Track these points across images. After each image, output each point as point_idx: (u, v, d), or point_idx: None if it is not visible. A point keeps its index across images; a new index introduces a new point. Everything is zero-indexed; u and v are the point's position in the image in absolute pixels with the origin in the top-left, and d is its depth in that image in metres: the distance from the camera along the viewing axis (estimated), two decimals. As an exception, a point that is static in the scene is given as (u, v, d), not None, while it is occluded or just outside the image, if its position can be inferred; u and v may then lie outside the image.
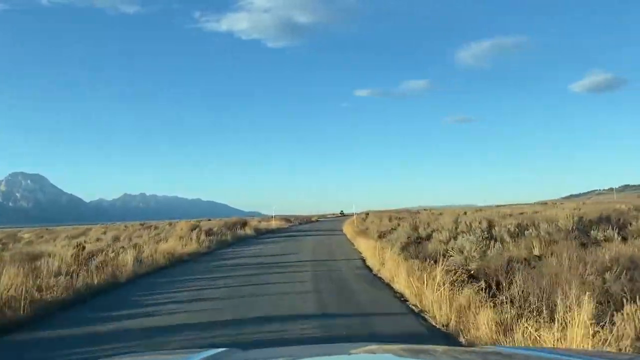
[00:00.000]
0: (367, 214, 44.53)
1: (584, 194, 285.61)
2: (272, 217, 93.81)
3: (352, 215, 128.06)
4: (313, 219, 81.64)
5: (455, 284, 7.95)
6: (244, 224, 35.57)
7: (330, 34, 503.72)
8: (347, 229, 35.27)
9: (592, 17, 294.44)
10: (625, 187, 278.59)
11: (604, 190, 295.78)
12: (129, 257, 13.40)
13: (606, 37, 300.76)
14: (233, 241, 26.80)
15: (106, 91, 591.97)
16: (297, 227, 52.73)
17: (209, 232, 26.57)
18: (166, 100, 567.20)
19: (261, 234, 35.17)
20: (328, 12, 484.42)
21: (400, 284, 9.82)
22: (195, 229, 25.85)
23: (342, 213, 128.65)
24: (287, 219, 63.48)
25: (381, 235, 22.84)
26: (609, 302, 5.99)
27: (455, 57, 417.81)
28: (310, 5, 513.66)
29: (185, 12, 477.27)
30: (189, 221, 30.58)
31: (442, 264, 8.54)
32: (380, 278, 12.01)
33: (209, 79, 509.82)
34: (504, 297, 6.63)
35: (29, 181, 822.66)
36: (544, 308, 5.68)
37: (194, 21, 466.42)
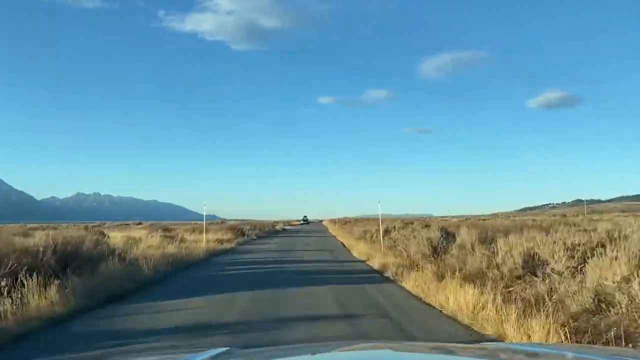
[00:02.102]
0: (387, 229, 20.34)
1: (539, 207, 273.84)
2: (221, 221, 67.40)
3: (320, 222, 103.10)
4: (277, 227, 56.17)
5: None
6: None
7: (294, 40, 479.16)
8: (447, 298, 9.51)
9: (549, 36, 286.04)
10: (578, 202, 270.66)
11: (557, 204, 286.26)
12: None
13: (562, 56, 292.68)
14: None
15: (60, 86, 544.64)
16: (254, 249, 26.64)
17: None
18: (123, 97, 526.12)
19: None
20: (293, 18, 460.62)
21: None
22: None
23: (305, 219, 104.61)
24: (237, 228, 37.43)
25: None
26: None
27: (416, 69, 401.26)
28: (276, 10, 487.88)
29: (149, 11, 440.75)
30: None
31: None
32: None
33: (170, 77, 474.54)
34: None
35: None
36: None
37: (158, 20, 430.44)
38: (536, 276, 9.47)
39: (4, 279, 7.71)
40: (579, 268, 8.57)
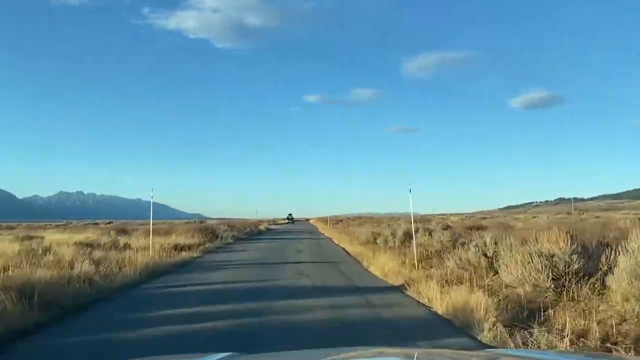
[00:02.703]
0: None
1: (522, 205, 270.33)
2: (200, 221, 60.19)
3: (306, 220, 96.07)
4: (261, 227, 48.63)
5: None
6: None
7: (279, 38, 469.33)
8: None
9: (532, 37, 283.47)
10: (560, 200, 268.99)
11: (540, 202, 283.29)
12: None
13: (545, 56, 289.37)
14: None
15: (42, 84, 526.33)
16: (224, 261, 18.97)
17: None
18: (105, 94, 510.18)
19: None
20: (279, 16, 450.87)
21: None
22: None
23: (290, 218, 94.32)
24: (212, 229, 29.95)
25: None
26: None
27: (402, 68, 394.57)
28: (261, 7, 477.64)
29: (133, 8, 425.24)
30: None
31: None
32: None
33: (154, 75, 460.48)
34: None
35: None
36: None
37: (143, 17, 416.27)
38: None
39: None
40: None
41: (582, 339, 5.34)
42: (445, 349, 4.80)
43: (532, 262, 7.33)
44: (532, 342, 5.39)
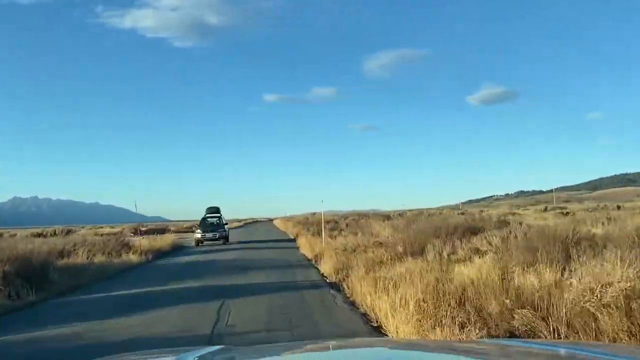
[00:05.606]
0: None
1: (483, 199, 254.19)
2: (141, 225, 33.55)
3: (269, 221, 63.18)
4: (135, 255, 21.53)
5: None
6: None
7: (239, 37, 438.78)
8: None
9: (487, 35, 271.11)
10: (520, 193, 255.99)
11: (500, 196, 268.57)
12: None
13: (499, 54, 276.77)
14: None
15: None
16: None
17: None
18: (60, 96, 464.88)
19: None
20: (239, 14, 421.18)
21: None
22: None
23: (211, 223, 29.35)
24: None
25: None
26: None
27: (362, 67, 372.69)
28: (220, 6, 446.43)
29: (86, 5, 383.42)
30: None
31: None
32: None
33: (109, 75, 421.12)
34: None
35: None
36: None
37: (96, 15, 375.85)
38: None
39: None
40: None
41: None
42: (444, 340, 4.46)
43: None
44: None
